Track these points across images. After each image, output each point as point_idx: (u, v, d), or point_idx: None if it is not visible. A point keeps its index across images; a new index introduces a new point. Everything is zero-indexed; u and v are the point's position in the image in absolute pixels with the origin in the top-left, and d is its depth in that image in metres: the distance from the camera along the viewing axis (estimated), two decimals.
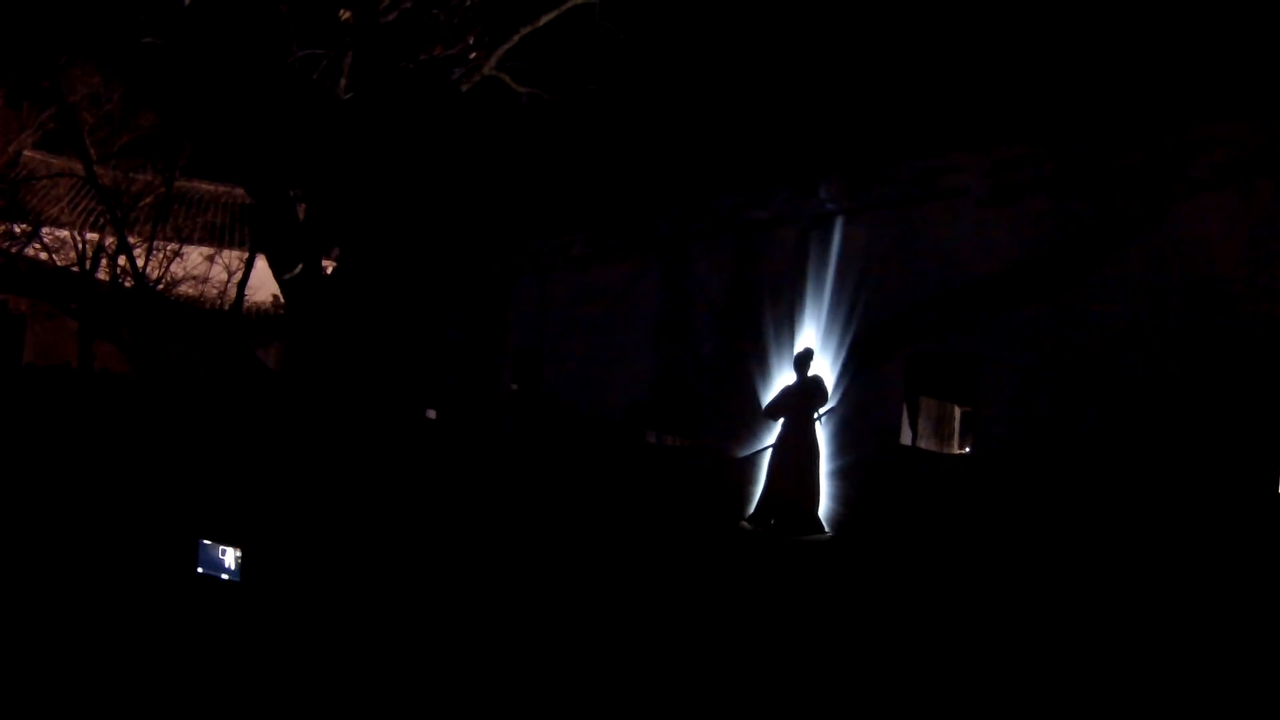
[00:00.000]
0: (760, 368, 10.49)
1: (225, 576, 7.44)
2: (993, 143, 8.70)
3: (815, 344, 10.00)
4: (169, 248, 16.19)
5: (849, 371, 9.70)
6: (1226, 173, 7.24)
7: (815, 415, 9.92)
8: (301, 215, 12.06)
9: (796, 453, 9.91)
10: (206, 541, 7.60)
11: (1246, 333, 7.04)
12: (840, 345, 9.85)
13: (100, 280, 15.38)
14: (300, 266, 11.47)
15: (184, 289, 16.44)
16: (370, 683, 6.26)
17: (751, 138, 10.81)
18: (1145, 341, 7.55)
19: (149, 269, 15.18)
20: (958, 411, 10.04)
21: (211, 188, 16.43)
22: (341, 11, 11.61)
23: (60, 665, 6.24)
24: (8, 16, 14.05)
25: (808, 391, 9.98)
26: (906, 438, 9.47)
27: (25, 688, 5.82)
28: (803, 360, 9.97)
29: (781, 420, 10.07)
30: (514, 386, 13.27)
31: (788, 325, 10.29)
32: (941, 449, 9.81)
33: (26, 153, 18.17)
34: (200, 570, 7.56)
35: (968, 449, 9.67)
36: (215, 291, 16.09)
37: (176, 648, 6.67)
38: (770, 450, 10.12)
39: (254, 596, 7.48)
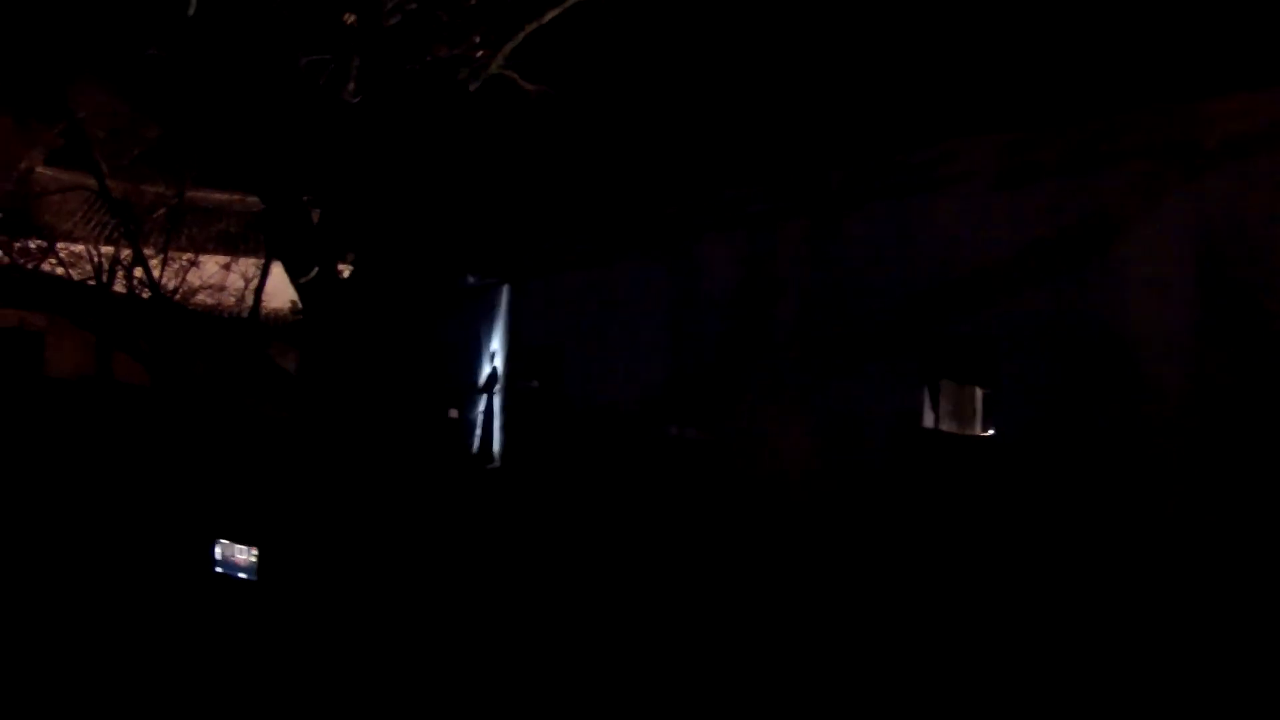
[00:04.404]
0: (774, 359, 10.54)
1: (243, 576, 7.55)
2: (999, 126, 8.70)
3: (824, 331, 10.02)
4: (185, 257, 16.31)
5: (861, 358, 9.73)
6: (1240, 146, 7.20)
7: None
8: (315, 220, 12.15)
9: None
10: (223, 541, 7.71)
11: (1264, 306, 7.03)
12: (852, 332, 9.87)
13: (117, 293, 15.49)
14: (316, 270, 11.56)
15: (201, 298, 16.57)
16: (383, 681, 6.33)
17: (756, 128, 10.83)
18: (1164, 319, 7.54)
19: (165, 280, 15.30)
20: (979, 394, 10.05)
21: (225, 196, 16.57)
22: (345, 15, 11.68)
23: (77, 664, 6.32)
24: (11, 36, 14.15)
25: None
26: (929, 420, 9.48)
27: (45, 685, 5.91)
28: None
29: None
30: (533, 384, 13.32)
31: (800, 315, 10.33)
32: (963, 431, 9.81)
33: (38, 169, 18.30)
34: (218, 570, 7.67)
35: (990, 431, 9.69)
36: (233, 299, 16.21)
37: (192, 646, 6.76)
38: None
39: (271, 595, 7.58)
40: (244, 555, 7.72)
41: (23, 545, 9.12)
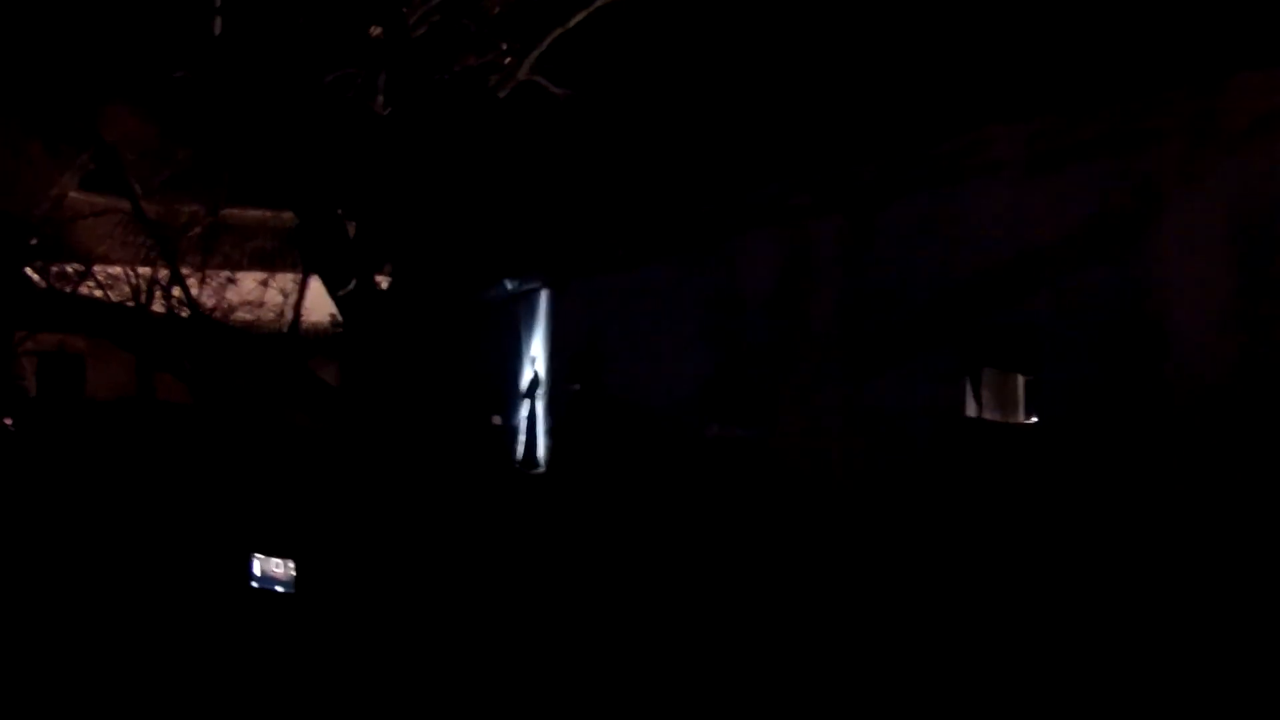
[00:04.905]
0: (814, 355, 10.52)
1: (280, 589, 7.60)
2: (1032, 111, 8.64)
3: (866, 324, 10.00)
4: (222, 275, 16.46)
5: (902, 350, 9.70)
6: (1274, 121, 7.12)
7: None
8: (351, 233, 12.22)
9: None
10: (260, 555, 7.76)
11: None
12: (892, 325, 9.84)
13: (156, 313, 15.64)
14: (354, 283, 11.63)
15: (240, 315, 16.72)
16: (427, 692, 6.35)
17: (789, 123, 10.82)
18: (1203, 301, 7.48)
19: (203, 298, 15.44)
20: (1021, 381, 10.00)
21: (259, 213, 16.70)
22: (371, 29, 11.74)
23: (116, 677, 6.38)
24: (41, 63, 14.29)
25: None
26: (971, 410, 9.44)
27: (85, 698, 5.98)
28: None
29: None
30: (575, 387, 13.36)
31: (839, 309, 10.32)
32: (1006, 419, 9.76)
33: (71, 194, 18.49)
34: (254, 584, 7.72)
35: (1033, 419, 9.64)
36: (271, 315, 16.34)
37: (231, 659, 6.81)
38: None
39: (309, 608, 7.62)
40: (281, 568, 7.77)
41: (66, 561, 9.23)
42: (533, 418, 13.98)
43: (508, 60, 11.56)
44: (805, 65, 10.55)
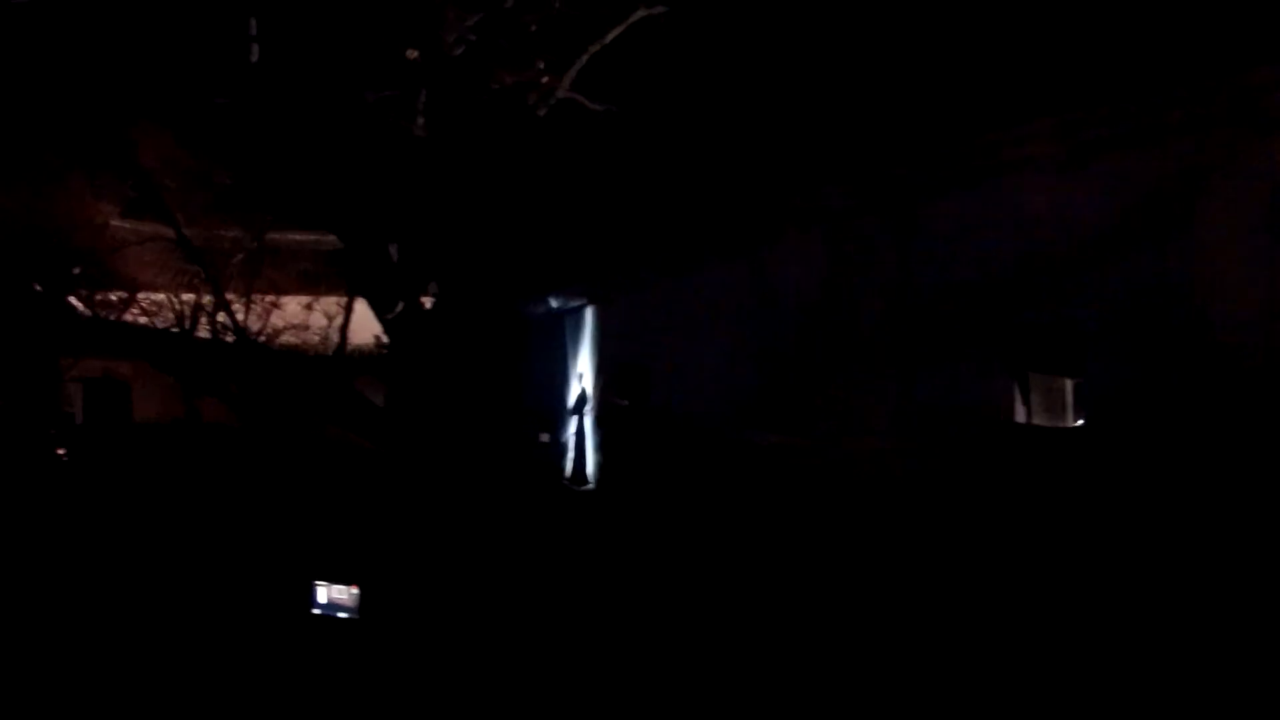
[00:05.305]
0: (859, 359, 10.50)
1: (343, 615, 7.65)
2: (1071, 104, 8.59)
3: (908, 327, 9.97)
4: (266, 299, 16.58)
5: (947, 353, 9.66)
6: None
7: None
8: (394, 255, 12.31)
9: None
10: (322, 582, 7.81)
11: None
12: (936, 326, 9.80)
13: (201, 338, 15.78)
14: (401, 306, 11.72)
15: (286, 338, 16.83)
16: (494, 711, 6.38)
17: (827, 125, 10.81)
18: (1248, 293, 7.41)
19: (248, 322, 15.55)
20: (1069, 385, 9.93)
21: (302, 237, 16.77)
22: (408, 51, 11.82)
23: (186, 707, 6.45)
24: (79, 92, 14.47)
25: None
26: (1020, 414, 9.38)
27: None
28: None
29: None
30: (623, 402, 13.40)
31: (882, 312, 10.29)
32: (1054, 424, 9.69)
33: (113, 222, 18.67)
34: (317, 610, 7.76)
35: (1080, 422, 9.57)
36: (316, 338, 16.43)
37: (299, 685, 6.87)
38: None
39: (375, 633, 7.66)
40: (344, 594, 7.83)
41: (132, 589, 9.35)
42: (581, 434, 14.03)
43: (545, 78, 11.62)
44: (844, 64, 10.54)
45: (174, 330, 16.26)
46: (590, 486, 13.62)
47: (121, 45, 13.10)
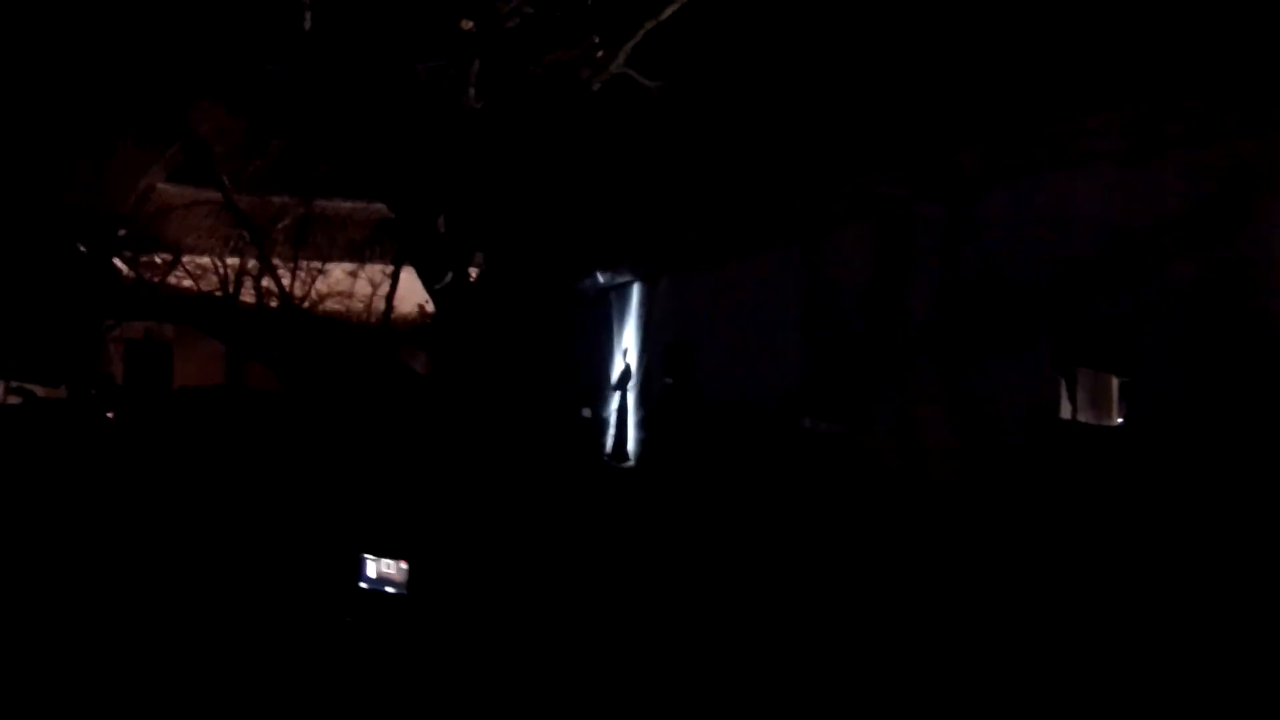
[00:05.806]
0: (908, 349, 10.43)
1: (391, 590, 7.64)
2: (1130, 99, 8.49)
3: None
4: (311, 266, 16.66)
5: (997, 346, 9.57)
6: None
7: None
8: (441, 227, 12.32)
9: None
10: (369, 556, 7.80)
11: None
12: (986, 319, 9.71)
13: (245, 303, 15.91)
14: (449, 276, 11.74)
15: (329, 305, 16.92)
16: (542, 687, 6.37)
17: (884, 113, 10.71)
18: None
19: (293, 288, 15.65)
20: (1115, 382, 9.84)
21: (350, 205, 16.85)
22: (463, 22, 11.79)
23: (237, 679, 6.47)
24: (131, 60, 14.54)
25: None
26: (1066, 411, 9.30)
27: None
28: None
29: None
30: (667, 380, 13.37)
31: (933, 302, 10.21)
32: (1100, 421, 9.61)
33: (160, 185, 18.82)
34: (364, 584, 7.76)
35: (1120, 420, 9.48)
36: (360, 305, 16.54)
37: (338, 662, 6.87)
38: None
39: (421, 608, 7.66)
40: (392, 569, 7.81)
41: (180, 556, 9.40)
42: (623, 410, 14.01)
43: (599, 53, 11.56)
44: (902, 51, 10.44)
45: (218, 295, 16.41)
46: (631, 464, 13.61)
47: (178, 14, 13.17)
